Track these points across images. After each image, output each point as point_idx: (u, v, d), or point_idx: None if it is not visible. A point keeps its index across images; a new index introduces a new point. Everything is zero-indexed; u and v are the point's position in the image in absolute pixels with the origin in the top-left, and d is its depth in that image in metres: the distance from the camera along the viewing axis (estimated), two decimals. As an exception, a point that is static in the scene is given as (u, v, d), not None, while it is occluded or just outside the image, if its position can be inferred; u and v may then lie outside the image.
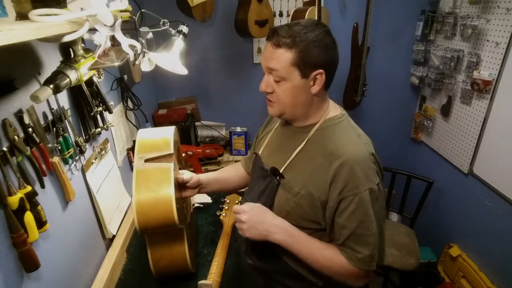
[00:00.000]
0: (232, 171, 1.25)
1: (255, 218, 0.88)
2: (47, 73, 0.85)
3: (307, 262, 0.88)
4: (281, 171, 0.91)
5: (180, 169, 1.14)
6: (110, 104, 1.27)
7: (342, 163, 0.80)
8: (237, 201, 1.49)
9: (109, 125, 1.29)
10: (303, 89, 0.84)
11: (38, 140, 0.84)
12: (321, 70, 0.81)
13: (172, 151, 0.98)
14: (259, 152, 1.04)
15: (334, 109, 0.92)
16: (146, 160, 0.95)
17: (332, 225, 0.86)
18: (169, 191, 0.89)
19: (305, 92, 0.84)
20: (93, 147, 1.22)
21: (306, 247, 0.87)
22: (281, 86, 0.84)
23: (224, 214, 1.42)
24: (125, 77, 1.62)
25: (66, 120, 1.00)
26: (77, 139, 1.06)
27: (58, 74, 0.80)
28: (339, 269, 0.86)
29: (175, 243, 1.02)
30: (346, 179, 0.80)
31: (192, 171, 1.15)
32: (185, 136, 2.05)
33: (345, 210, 0.82)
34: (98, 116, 1.22)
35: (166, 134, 1.04)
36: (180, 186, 1.07)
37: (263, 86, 0.87)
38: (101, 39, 0.88)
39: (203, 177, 1.12)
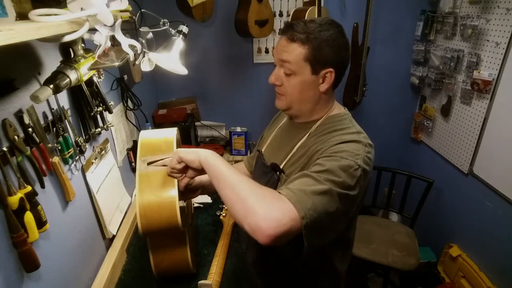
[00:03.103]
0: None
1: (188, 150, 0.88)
2: (47, 73, 0.85)
3: (227, 183, 0.74)
4: (281, 166, 0.92)
5: None
6: (110, 104, 1.27)
7: (335, 144, 0.79)
8: None
9: (109, 125, 1.29)
10: (312, 86, 0.85)
11: (38, 140, 0.84)
12: (331, 69, 0.83)
13: None
14: (262, 150, 1.05)
15: (337, 108, 0.93)
16: (149, 163, 0.94)
17: None
18: (173, 195, 0.89)
19: (313, 88, 0.85)
20: (93, 147, 1.22)
21: (232, 168, 0.78)
22: (291, 80, 0.85)
23: (224, 214, 1.42)
24: (125, 77, 1.62)
25: (66, 120, 1.00)
26: (77, 139, 1.06)
27: (58, 74, 0.80)
28: (260, 189, 0.71)
29: (177, 246, 1.02)
30: (333, 146, 0.78)
31: None
32: (185, 136, 2.05)
33: (315, 164, 0.77)
34: (98, 116, 1.22)
35: (169, 136, 1.03)
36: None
37: (272, 78, 0.88)
38: (101, 39, 0.88)
39: (205, 178, 1.12)
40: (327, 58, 0.82)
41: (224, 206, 1.47)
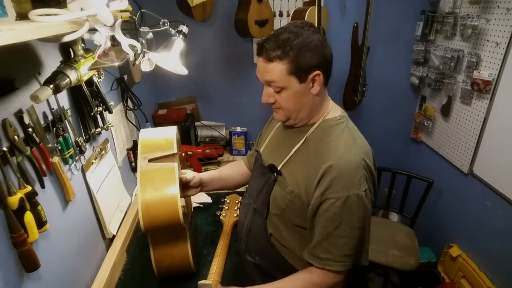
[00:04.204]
0: (233, 168, 1.26)
1: None
2: (47, 73, 0.85)
3: None
4: (278, 168, 0.92)
5: (182, 168, 1.14)
6: (110, 104, 1.27)
7: (330, 165, 0.80)
8: (237, 201, 1.49)
9: (109, 125, 1.29)
10: (304, 93, 0.84)
11: (38, 140, 0.84)
12: (317, 72, 0.82)
13: (175, 150, 0.98)
14: (260, 150, 1.05)
15: (334, 110, 0.93)
16: (150, 160, 0.95)
17: (312, 223, 0.86)
18: (174, 191, 0.90)
19: (306, 95, 0.85)
20: (93, 147, 1.22)
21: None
22: (282, 95, 0.85)
23: (224, 214, 1.42)
24: (125, 77, 1.62)
25: (66, 120, 1.00)
26: (77, 139, 1.06)
27: (58, 74, 0.80)
28: (306, 283, 0.86)
29: (178, 243, 1.02)
30: (332, 181, 0.80)
31: (192, 171, 1.15)
32: (185, 136, 2.05)
33: (326, 211, 0.81)
34: (98, 116, 1.22)
35: (169, 134, 1.04)
36: (183, 185, 1.07)
37: (264, 98, 0.89)
38: (101, 39, 0.88)
39: (205, 176, 1.13)
40: (310, 63, 0.80)
41: (224, 206, 1.47)
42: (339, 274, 0.85)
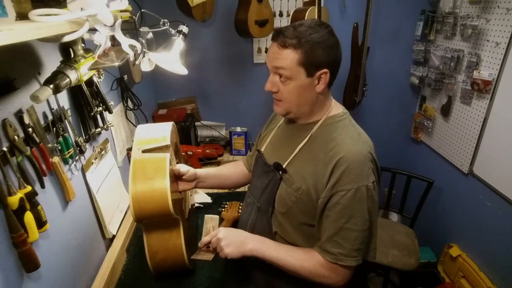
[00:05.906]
0: (231, 168, 1.26)
1: (231, 232, 0.93)
2: (47, 73, 0.85)
3: (283, 267, 0.89)
4: (284, 166, 0.93)
5: (178, 163, 1.15)
6: (110, 104, 1.27)
7: (340, 159, 0.82)
8: (238, 206, 1.49)
9: (109, 125, 1.29)
10: (308, 88, 0.86)
11: (38, 140, 0.84)
12: (325, 70, 0.83)
13: (168, 142, 1.00)
14: (262, 149, 1.05)
15: (336, 107, 0.94)
16: (144, 151, 0.96)
17: (321, 218, 0.87)
18: (164, 179, 0.91)
19: (310, 90, 0.86)
20: (93, 147, 1.22)
21: (276, 251, 0.89)
22: (287, 86, 0.86)
23: (225, 211, 1.42)
24: (125, 77, 1.62)
25: (66, 120, 1.00)
26: (77, 139, 1.06)
27: (58, 74, 0.80)
28: (316, 267, 0.86)
29: (171, 236, 1.02)
30: (342, 174, 0.81)
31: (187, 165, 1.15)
32: (185, 136, 2.05)
33: (337, 204, 0.82)
34: (98, 116, 1.22)
35: (164, 128, 1.07)
36: (177, 178, 1.08)
37: (268, 85, 0.89)
38: (101, 39, 0.88)
39: (201, 171, 1.14)
40: (321, 60, 0.82)
41: (226, 203, 1.46)
42: (349, 270, 0.87)
